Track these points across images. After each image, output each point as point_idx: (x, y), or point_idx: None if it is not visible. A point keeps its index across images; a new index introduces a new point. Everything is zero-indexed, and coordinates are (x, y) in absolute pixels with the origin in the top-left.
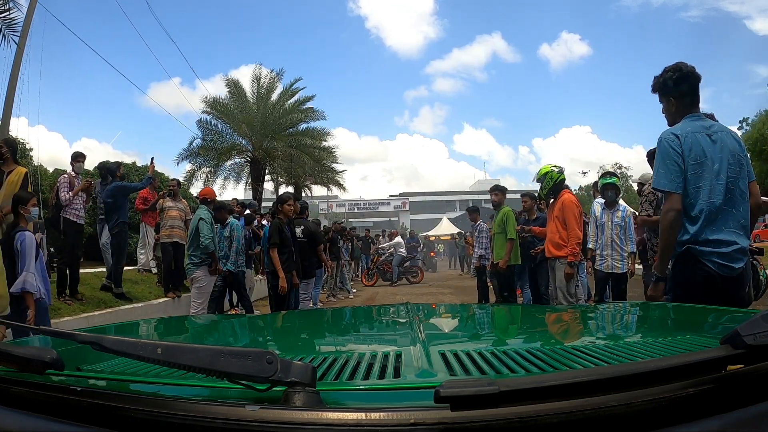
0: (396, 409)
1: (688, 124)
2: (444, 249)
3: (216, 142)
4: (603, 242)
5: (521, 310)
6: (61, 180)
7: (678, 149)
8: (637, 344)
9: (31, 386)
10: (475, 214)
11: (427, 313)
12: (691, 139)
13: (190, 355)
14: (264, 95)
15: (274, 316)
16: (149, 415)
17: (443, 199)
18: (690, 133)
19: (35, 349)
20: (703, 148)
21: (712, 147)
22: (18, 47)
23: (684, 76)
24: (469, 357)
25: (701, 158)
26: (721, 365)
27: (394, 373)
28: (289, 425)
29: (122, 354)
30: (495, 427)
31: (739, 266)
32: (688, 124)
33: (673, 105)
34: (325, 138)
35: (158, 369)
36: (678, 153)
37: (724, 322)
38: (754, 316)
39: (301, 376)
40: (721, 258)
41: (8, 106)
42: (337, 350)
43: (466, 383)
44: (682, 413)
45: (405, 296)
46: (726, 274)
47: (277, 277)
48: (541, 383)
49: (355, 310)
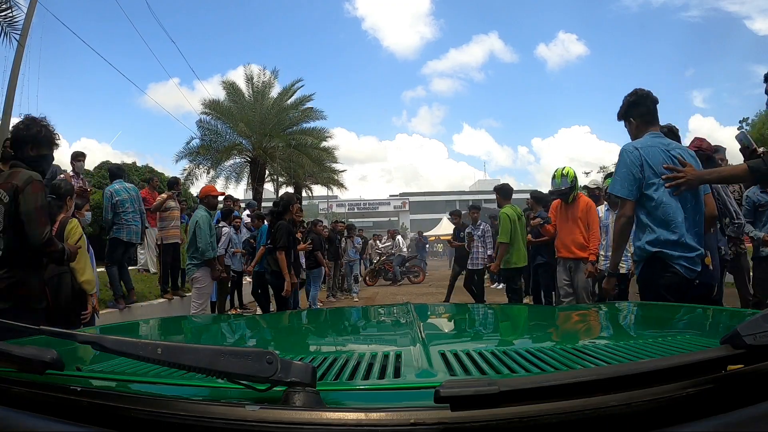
0: (396, 409)
1: (649, 140)
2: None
3: (215, 141)
4: (607, 243)
5: (521, 310)
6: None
7: (636, 161)
8: (637, 344)
9: (31, 386)
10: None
11: (427, 313)
12: (651, 152)
13: (190, 355)
14: (260, 94)
15: (274, 316)
16: (149, 415)
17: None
18: (649, 146)
19: (35, 349)
20: (663, 161)
21: (671, 162)
22: (19, 44)
23: (641, 99)
24: (469, 357)
25: (661, 171)
26: (721, 365)
27: (394, 373)
28: (289, 425)
29: (122, 354)
30: (495, 427)
31: (700, 269)
32: (649, 139)
33: (634, 126)
34: (324, 137)
35: (158, 369)
36: (635, 164)
37: (724, 322)
38: (754, 316)
39: (301, 376)
40: (687, 262)
41: (8, 106)
42: (337, 350)
43: (466, 383)
44: (682, 413)
45: (405, 296)
46: (691, 277)
47: (280, 278)
48: (541, 383)
49: (355, 310)
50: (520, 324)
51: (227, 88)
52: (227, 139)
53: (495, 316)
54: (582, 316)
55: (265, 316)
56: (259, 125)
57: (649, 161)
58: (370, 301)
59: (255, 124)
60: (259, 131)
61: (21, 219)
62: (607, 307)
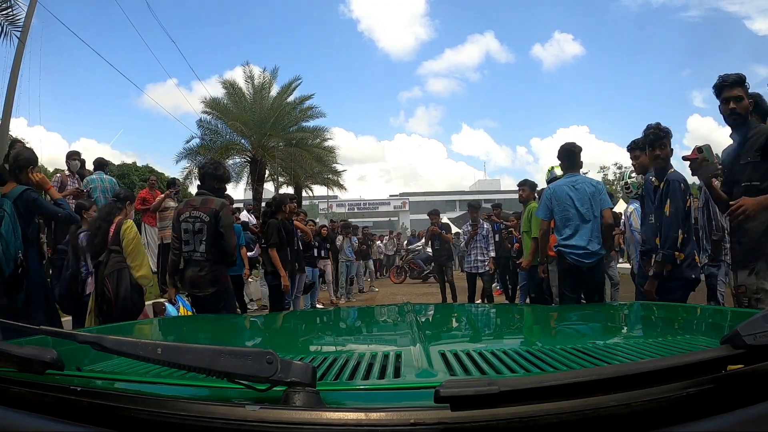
0: (396, 409)
1: (562, 181)
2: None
3: (215, 141)
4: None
5: (521, 310)
6: (53, 179)
7: (548, 197)
8: (637, 344)
9: (31, 386)
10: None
11: (427, 313)
12: (559, 190)
13: (190, 355)
14: (259, 93)
15: (274, 316)
16: (149, 415)
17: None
18: (559, 186)
19: (35, 349)
20: (568, 193)
21: (574, 192)
22: (20, 41)
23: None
24: (469, 357)
25: (565, 200)
26: (721, 365)
27: (394, 373)
28: (289, 425)
29: (122, 354)
30: (495, 427)
31: (588, 261)
32: (562, 180)
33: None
34: (324, 137)
35: (158, 369)
36: (548, 199)
37: (723, 322)
38: (754, 316)
39: (301, 376)
40: (576, 256)
41: (8, 106)
42: (337, 350)
43: (466, 383)
44: (682, 413)
45: (405, 296)
46: (579, 265)
47: (277, 277)
48: (541, 383)
49: (355, 310)
50: (520, 324)
51: (227, 87)
52: (228, 139)
53: (495, 316)
54: (582, 316)
55: (265, 316)
56: (259, 124)
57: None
58: (370, 302)
59: (254, 122)
60: (258, 130)
61: (220, 231)
62: (607, 307)
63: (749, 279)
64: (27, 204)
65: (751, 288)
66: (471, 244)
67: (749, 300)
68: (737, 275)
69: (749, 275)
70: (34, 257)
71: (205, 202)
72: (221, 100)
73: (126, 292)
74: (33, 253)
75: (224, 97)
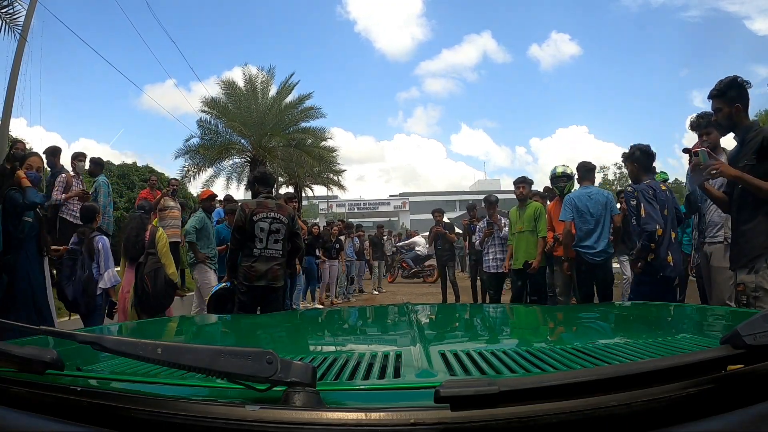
0: (396, 409)
1: (579, 191)
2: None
3: (215, 141)
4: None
5: (521, 310)
6: (59, 179)
7: (570, 203)
8: (637, 344)
9: (31, 386)
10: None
11: (427, 313)
12: (579, 199)
13: (190, 355)
14: (258, 93)
15: (274, 316)
16: (149, 415)
17: (443, 199)
18: (578, 196)
19: (35, 349)
20: (585, 203)
21: (590, 201)
22: (21, 37)
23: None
24: (469, 357)
25: (584, 208)
26: (721, 365)
27: (394, 373)
28: (289, 425)
29: (122, 354)
30: (495, 427)
31: (599, 259)
32: (579, 191)
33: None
34: (324, 137)
35: (158, 369)
36: (572, 205)
37: (723, 322)
38: (754, 316)
39: (301, 376)
40: (590, 255)
41: (8, 106)
42: (337, 350)
43: (466, 383)
44: (682, 413)
45: (405, 296)
46: (594, 263)
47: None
48: (541, 383)
49: (355, 311)
50: (520, 324)
51: (226, 86)
52: (227, 139)
53: (495, 316)
54: (582, 316)
55: (265, 316)
56: (259, 124)
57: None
58: (371, 302)
59: (254, 122)
60: (258, 130)
61: (295, 232)
62: (607, 307)
63: (748, 277)
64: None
65: (750, 287)
66: (488, 242)
67: (748, 298)
68: (737, 274)
69: (748, 274)
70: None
71: (280, 207)
72: (220, 101)
73: (161, 286)
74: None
75: (223, 97)
